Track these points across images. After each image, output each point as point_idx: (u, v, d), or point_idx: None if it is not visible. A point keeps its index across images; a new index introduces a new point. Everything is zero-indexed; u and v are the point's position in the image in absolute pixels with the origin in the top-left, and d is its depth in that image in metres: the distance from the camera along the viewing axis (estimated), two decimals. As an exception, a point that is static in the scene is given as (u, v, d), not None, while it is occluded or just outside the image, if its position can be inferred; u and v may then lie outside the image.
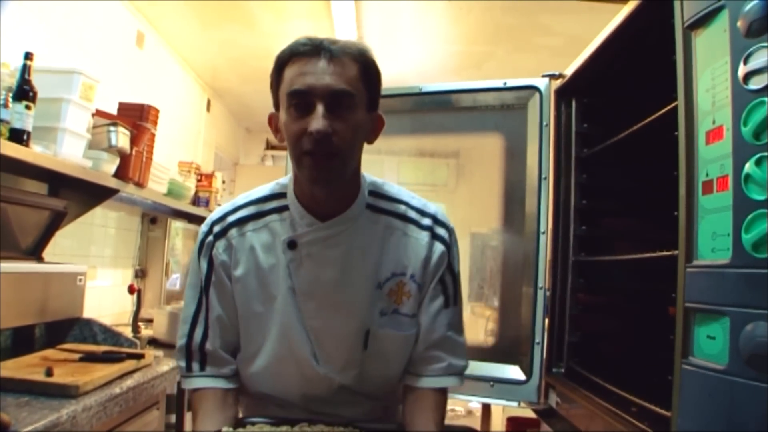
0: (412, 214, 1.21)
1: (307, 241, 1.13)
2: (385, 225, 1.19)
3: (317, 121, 1.02)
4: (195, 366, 1.21)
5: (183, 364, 1.22)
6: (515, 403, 1.88)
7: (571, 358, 1.78)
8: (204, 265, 1.20)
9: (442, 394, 1.23)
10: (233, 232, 1.19)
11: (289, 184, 1.19)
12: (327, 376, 1.18)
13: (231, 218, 1.21)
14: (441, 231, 1.21)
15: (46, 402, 1.49)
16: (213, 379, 1.22)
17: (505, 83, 1.96)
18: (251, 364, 1.23)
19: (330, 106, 1.03)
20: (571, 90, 1.84)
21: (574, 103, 1.84)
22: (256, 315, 1.19)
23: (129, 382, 1.79)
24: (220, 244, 1.19)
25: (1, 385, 1.56)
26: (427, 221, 1.20)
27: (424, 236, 1.19)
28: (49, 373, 1.62)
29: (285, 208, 1.18)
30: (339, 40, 1.08)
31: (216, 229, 1.21)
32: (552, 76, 1.89)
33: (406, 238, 1.19)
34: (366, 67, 1.09)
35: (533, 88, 1.91)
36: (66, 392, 1.55)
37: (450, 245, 1.22)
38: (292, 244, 1.14)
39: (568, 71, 1.80)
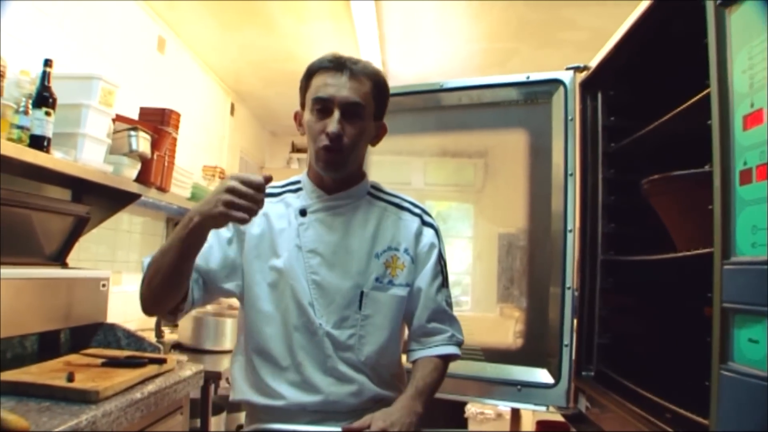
0: (405, 205, 1.46)
1: (316, 208, 1.39)
2: (382, 208, 1.43)
3: (333, 125, 1.28)
4: None
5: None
6: (543, 408, 1.82)
7: (601, 360, 1.72)
8: None
9: (444, 362, 1.40)
10: None
11: (304, 172, 1.45)
12: (323, 329, 1.32)
13: None
14: (429, 219, 1.46)
15: (66, 407, 1.48)
16: None
17: (528, 77, 1.91)
18: (254, 311, 1.36)
19: (344, 113, 1.30)
20: (596, 82, 1.78)
21: (600, 96, 1.79)
22: (263, 269, 1.36)
23: (150, 387, 1.77)
24: None
25: (24, 390, 1.57)
26: (417, 210, 1.45)
27: (415, 220, 1.44)
28: (70, 378, 1.62)
29: (299, 188, 1.44)
30: (360, 61, 1.35)
31: None
32: (577, 69, 1.84)
33: (399, 221, 1.43)
34: (377, 85, 1.35)
35: (557, 82, 1.86)
36: (86, 397, 1.54)
37: (437, 232, 1.45)
38: (303, 212, 1.39)
39: (593, 63, 1.74)
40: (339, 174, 1.37)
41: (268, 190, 1.40)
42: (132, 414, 1.65)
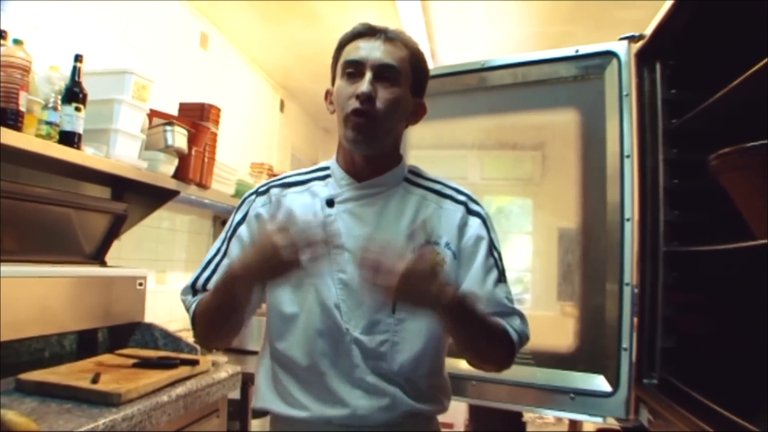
0: (448, 191, 1.28)
1: (344, 198, 1.24)
2: (421, 196, 1.26)
3: (364, 85, 1.15)
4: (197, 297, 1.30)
5: (186, 298, 1.31)
6: (600, 419, 1.64)
7: (665, 367, 1.55)
8: (237, 217, 1.31)
9: (506, 336, 1.17)
10: (275, 190, 1.31)
11: (333, 157, 1.32)
12: (351, 335, 1.17)
13: (276, 181, 1.33)
14: (476, 207, 1.26)
15: (87, 409, 1.45)
16: None
17: (578, 50, 1.75)
18: (276, 314, 1.25)
19: (377, 76, 1.17)
20: (653, 51, 1.61)
21: (658, 67, 1.62)
22: None
23: (180, 390, 1.72)
24: (260, 200, 1.30)
25: (48, 391, 1.55)
26: (462, 198, 1.27)
27: (459, 208, 1.25)
28: (95, 379, 1.60)
29: (327, 175, 1.30)
30: (396, 29, 1.23)
31: (260, 189, 1.33)
32: (631, 39, 1.67)
33: (440, 210, 1.25)
34: (414, 54, 1.23)
35: (610, 54, 1.69)
36: (108, 400, 1.50)
37: (485, 221, 1.26)
38: (330, 202, 1.25)
39: (648, 30, 1.55)
40: (370, 148, 1.20)
41: (293, 179, 1.34)
42: (157, 417, 1.59)
